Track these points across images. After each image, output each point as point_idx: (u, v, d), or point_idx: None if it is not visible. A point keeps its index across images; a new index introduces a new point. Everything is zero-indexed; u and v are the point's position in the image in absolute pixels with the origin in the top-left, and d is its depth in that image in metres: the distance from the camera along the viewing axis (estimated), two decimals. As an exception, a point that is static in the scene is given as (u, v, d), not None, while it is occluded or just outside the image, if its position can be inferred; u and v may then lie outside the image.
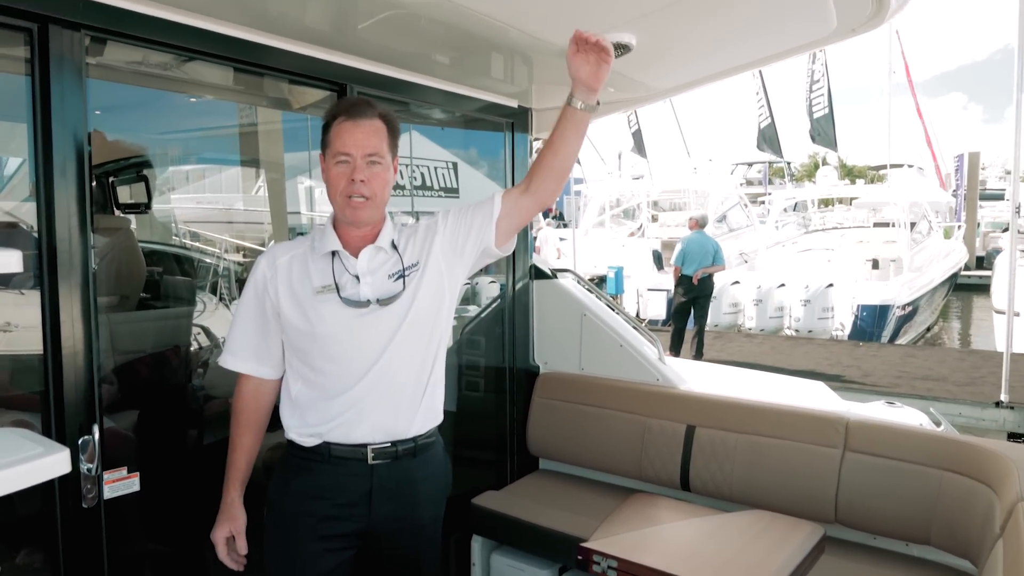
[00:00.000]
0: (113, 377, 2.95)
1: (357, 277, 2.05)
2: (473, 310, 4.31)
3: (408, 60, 3.01)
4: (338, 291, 2.03)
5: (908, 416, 3.85)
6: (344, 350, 2.03)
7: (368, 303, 2.03)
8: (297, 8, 2.40)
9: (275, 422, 2.21)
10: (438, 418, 2.22)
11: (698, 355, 10.84)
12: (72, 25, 2.07)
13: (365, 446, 2.06)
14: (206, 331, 3.97)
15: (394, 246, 2.12)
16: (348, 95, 2.86)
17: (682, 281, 10.84)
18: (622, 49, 2.69)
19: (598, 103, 2.06)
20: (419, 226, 2.21)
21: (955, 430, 3.94)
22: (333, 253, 2.07)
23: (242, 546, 2.14)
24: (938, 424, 3.86)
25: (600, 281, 15.82)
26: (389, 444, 2.08)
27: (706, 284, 10.87)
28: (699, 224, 11.21)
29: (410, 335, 2.06)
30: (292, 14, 2.44)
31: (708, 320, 14.16)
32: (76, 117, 2.10)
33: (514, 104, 3.72)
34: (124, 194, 4.44)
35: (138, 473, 2.34)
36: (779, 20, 2.67)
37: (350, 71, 2.87)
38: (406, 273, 2.09)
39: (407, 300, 2.06)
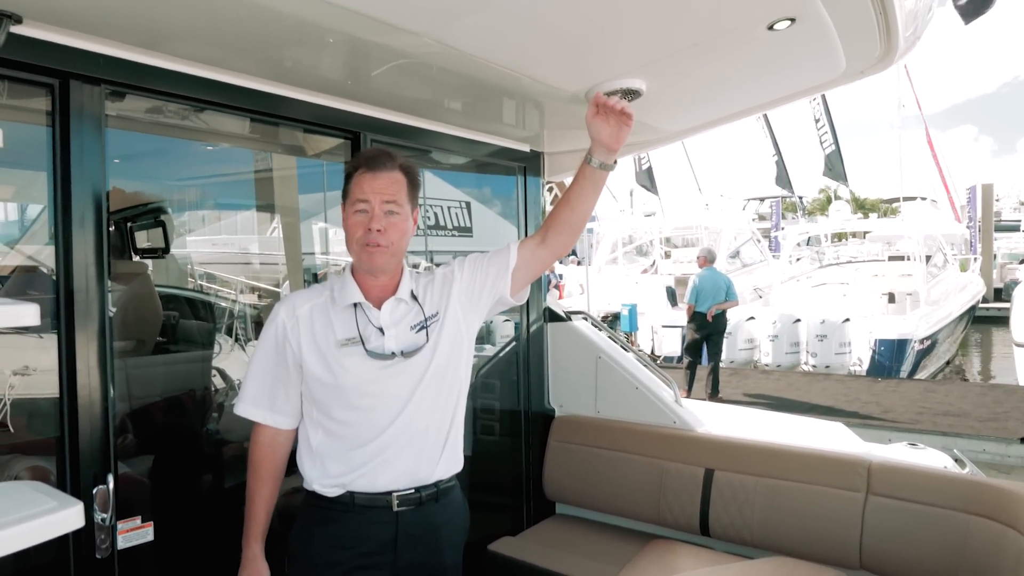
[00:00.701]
0: (128, 423, 2.96)
1: (381, 330, 2.06)
2: (489, 349, 4.31)
3: (420, 107, 3.05)
4: (363, 344, 2.03)
5: (931, 458, 3.78)
6: (369, 402, 2.03)
7: (393, 355, 2.04)
8: (311, 59, 2.44)
9: (289, 467, 2.20)
10: (460, 463, 2.22)
11: (714, 392, 10.76)
12: (92, 80, 2.11)
13: (390, 493, 2.05)
14: (222, 373, 3.98)
15: (413, 296, 2.13)
16: (362, 142, 2.90)
17: (695, 318, 10.84)
18: (632, 95, 2.71)
19: (615, 162, 2.10)
20: (436, 275, 2.22)
21: (980, 472, 3.86)
22: (355, 305, 2.07)
23: None
24: (963, 466, 3.79)
25: (614, 318, 15.80)
26: (413, 490, 2.07)
27: (719, 320, 10.87)
28: (708, 260, 11.23)
29: (433, 384, 2.08)
30: (306, 65, 2.48)
31: (724, 356, 14.15)
32: (95, 167, 2.14)
33: (526, 148, 3.75)
34: (142, 239, 4.50)
35: (152, 522, 2.33)
36: (788, 63, 2.68)
37: (363, 119, 2.91)
38: (428, 324, 2.11)
39: (429, 351, 2.08)
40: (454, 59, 2.38)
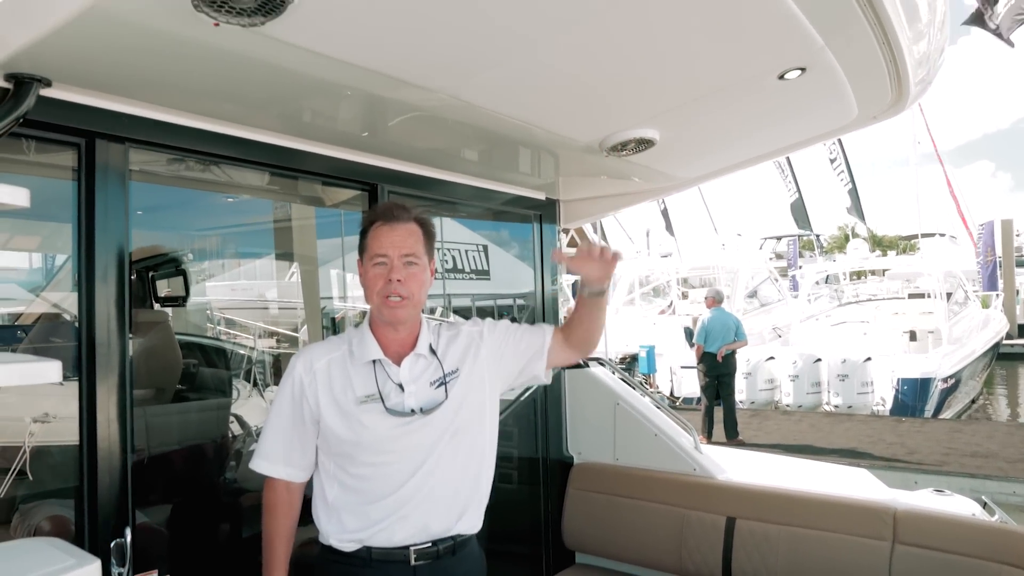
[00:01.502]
0: (147, 472, 2.96)
1: (401, 386, 2.07)
2: (506, 396, 4.29)
3: (436, 158, 3.10)
4: (383, 401, 2.03)
5: (959, 505, 3.70)
6: (387, 458, 2.03)
7: (412, 412, 2.04)
8: (328, 114, 2.49)
9: (304, 517, 2.19)
10: (480, 520, 2.21)
11: (732, 434, 10.64)
12: (117, 139, 2.17)
13: (407, 548, 2.04)
14: (240, 420, 3.99)
15: (432, 351, 2.14)
16: (379, 194, 2.95)
17: (705, 359, 10.85)
18: (645, 144, 2.74)
19: (609, 284, 2.19)
20: (460, 331, 2.23)
21: (1010, 518, 3.77)
22: (374, 361, 2.08)
23: None
24: (992, 513, 3.70)
25: (632, 360, 15.72)
26: (430, 544, 2.06)
27: (730, 361, 10.87)
28: (716, 300, 11.26)
29: (452, 442, 2.08)
30: (324, 120, 2.54)
31: (744, 397, 14.03)
32: (118, 221, 2.19)
33: (541, 196, 3.79)
34: (162, 287, 4.56)
35: (169, 575, 2.33)
36: (799, 111, 2.71)
37: (380, 171, 2.95)
38: (447, 380, 2.11)
39: (449, 408, 2.08)
40: (469, 113, 2.42)
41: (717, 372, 10.80)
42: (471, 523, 2.17)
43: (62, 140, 2.11)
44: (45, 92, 1.95)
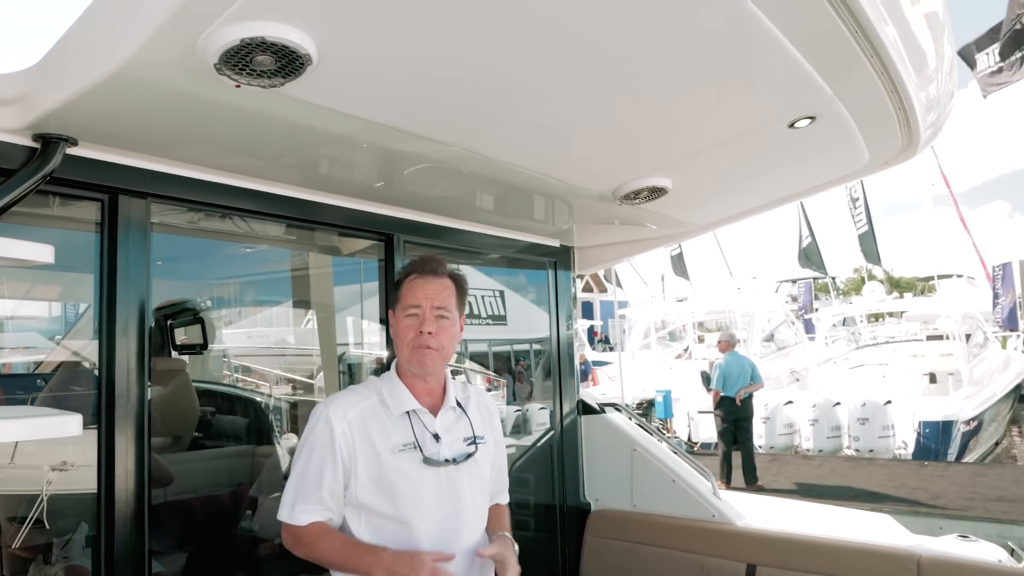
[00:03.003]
0: (163, 521, 2.96)
1: (436, 436, 2.10)
2: (523, 441, 4.27)
3: (451, 208, 3.15)
4: (421, 450, 2.06)
5: (985, 551, 3.62)
6: (418, 505, 2.04)
7: (446, 462, 2.09)
8: (345, 167, 2.55)
9: (300, 564, 2.14)
10: (492, 568, 2.22)
11: (751, 480, 10.48)
12: (139, 194, 2.23)
13: None
14: (257, 468, 3.98)
15: (458, 403, 2.21)
16: (395, 243, 2.99)
17: (723, 403, 10.74)
18: (658, 192, 2.77)
19: None
20: (484, 402, 2.32)
21: (1037, 564, 3.68)
22: (408, 411, 2.11)
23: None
24: (1019, 559, 3.62)
25: (649, 405, 15.58)
26: None
27: (747, 405, 10.77)
28: (730, 344, 11.20)
29: (477, 493, 2.16)
30: (340, 172, 2.59)
31: (763, 441, 13.84)
32: (139, 272, 2.24)
33: (556, 243, 3.83)
34: (181, 336, 4.60)
35: (186, 627, 2.32)
36: (810, 158, 2.73)
37: (396, 221, 3.00)
38: (477, 441, 2.19)
39: (476, 464, 2.17)
40: (484, 165, 2.47)
41: (735, 416, 10.70)
42: (488, 573, 2.20)
43: (87, 196, 2.17)
44: (71, 151, 2.02)
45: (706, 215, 3.47)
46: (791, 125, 2.31)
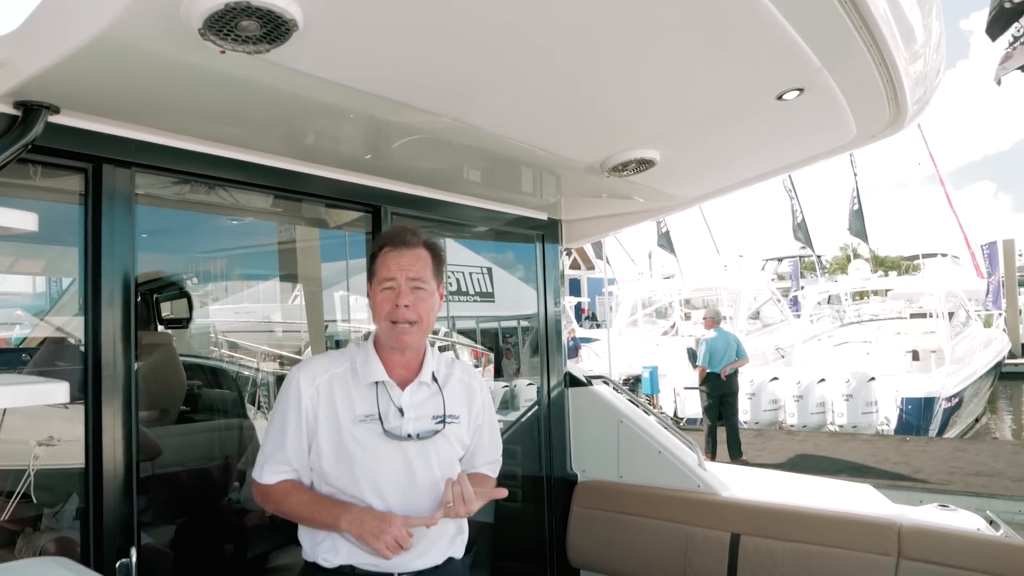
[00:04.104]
0: (152, 494, 2.97)
1: (401, 410, 2.08)
2: (510, 415, 4.30)
3: (439, 180, 3.13)
4: (381, 422, 2.05)
5: (964, 520, 3.69)
6: (376, 479, 2.03)
7: (408, 437, 2.06)
8: (332, 137, 2.53)
9: (288, 536, 2.15)
10: (464, 541, 2.24)
11: (735, 455, 10.60)
12: (123, 164, 2.21)
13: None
14: (245, 442, 3.99)
15: (434, 378, 2.16)
16: (382, 215, 2.98)
17: (709, 379, 10.85)
18: (646, 164, 2.77)
19: None
20: (463, 379, 2.25)
21: (1016, 534, 3.75)
22: (376, 382, 2.09)
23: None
24: (997, 528, 3.68)
25: (635, 381, 15.67)
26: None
27: (733, 380, 10.89)
28: (715, 321, 11.29)
29: (443, 471, 2.10)
30: (327, 143, 2.57)
31: (748, 417, 13.99)
32: (124, 244, 2.22)
33: (544, 217, 3.82)
34: (166, 310, 4.58)
35: (175, 597, 2.33)
36: (797, 130, 2.74)
37: (384, 193, 2.99)
38: (447, 420, 2.14)
39: (443, 440, 2.12)
40: (472, 135, 2.46)
41: (721, 392, 10.81)
42: (458, 549, 2.20)
43: (69, 165, 2.15)
44: (53, 119, 1.99)
45: (694, 188, 3.47)
46: (779, 97, 2.31)
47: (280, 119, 2.29)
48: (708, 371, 10.83)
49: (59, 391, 1.55)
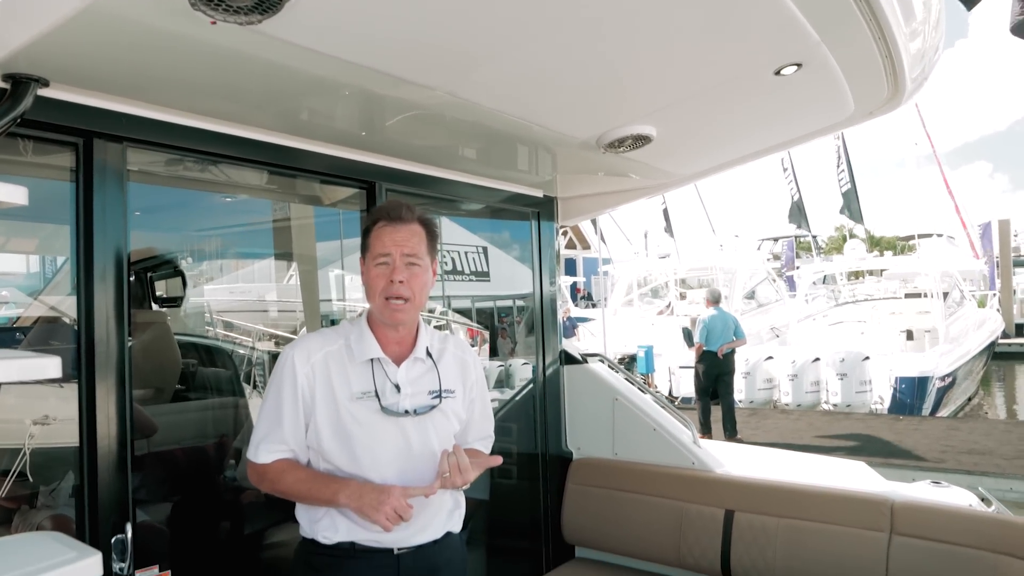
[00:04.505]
0: (147, 472, 2.97)
1: (397, 387, 2.08)
2: (506, 392, 4.30)
3: (434, 156, 3.11)
4: (379, 399, 2.05)
5: (956, 496, 3.72)
6: (375, 456, 2.04)
7: (406, 413, 2.07)
8: (326, 112, 2.50)
9: (284, 514, 2.15)
10: (462, 515, 2.26)
11: (730, 434, 10.68)
12: (115, 138, 2.18)
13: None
14: (240, 421, 3.99)
15: (429, 354, 2.17)
16: (377, 192, 2.96)
17: (705, 357, 10.95)
18: (642, 140, 2.75)
19: None
20: (457, 354, 2.25)
21: (1007, 510, 3.79)
22: (372, 359, 2.09)
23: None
24: (989, 504, 3.72)
25: (631, 360, 15.73)
26: None
27: (729, 360, 11.03)
28: (713, 301, 11.42)
29: (440, 447, 2.09)
30: (321, 118, 2.54)
31: (743, 396, 14.09)
32: (116, 221, 2.20)
33: (539, 194, 3.81)
34: (161, 289, 4.57)
35: (170, 571, 2.33)
36: (796, 107, 2.72)
37: (378, 169, 2.96)
38: (444, 395, 2.15)
39: (440, 415, 2.13)
40: (467, 110, 2.43)
41: (718, 371, 10.92)
42: (456, 524, 2.23)
43: (60, 140, 2.12)
44: (43, 92, 1.96)
45: (690, 165, 3.45)
46: (777, 72, 2.29)
47: (273, 93, 2.26)
48: (704, 349, 10.90)
49: (51, 366, 1.54)
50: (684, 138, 2.97)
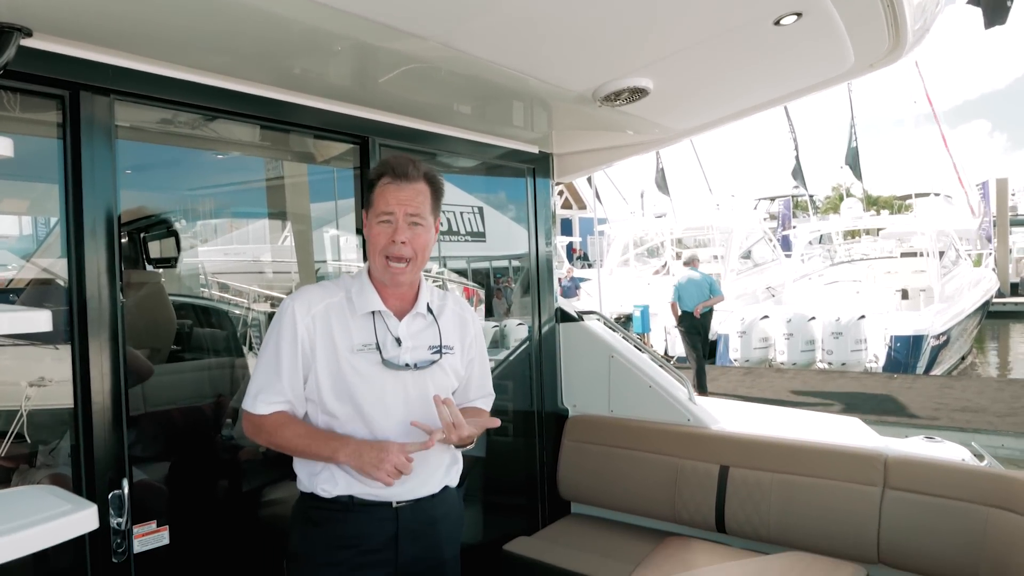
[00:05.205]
0: (143, 430, 2.97)
1: (398, 340, 2.07)
2: (501, 351, 4.30)
3: (428, 111, 3.06)
4: (380, 352, 2.04)
5: (949, 451, 3.75)
6: (375, 409, 2.04)
7: (407, 366, 2.06)
8: (318, 65, 2.45)
9: (282, 471, 2.16)
10: (459, 471, 2.27)
11: (701, 390, 10.84)
12: (102, 91, 2.14)
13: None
14: (236, 381, 3.99)
15: (429, 309, 2.16)
16: (370, 147, 2.92)
17: (683, 319, 11.38)
18: (639, 93, 2.71)
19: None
20: (456, 310, 2.25)
21: (999, 464, 3.82)
22: (373, 312, 2.07)
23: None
24: (981, 459, 3.75)
25: (627, 320, 15.77)
26: None
27: (706, 319, 11.40)
28: (688, 263, 11.93)
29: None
30: (314, 71, 2.49)
31: (739, 355, 14.19)
32: (106, 178, 2.16)
33: (535, 150, 3.76)
34: (154, 249, 4.54)
35: (168, 526, 2.35)
36: (795, 58, 2.67)
37: (372, 124, 2.92)
38: (443, 351, 2.14)
39: (440, 370, 2.13)
40: (461, 62, 2.39)
41: (696, 330, 11.29)
42: (453, 478, 2.24)
43: (44, 92, 2.07)
44: (26, 42, 1.91)
45: (687, 119, 3.41)
46: (777, 22, 2.25)
47: (263, 44, 2.21)
48: (681, 310, 11.32)
49: (42, 319, 1.52)
50: (681, 91, 2.92)
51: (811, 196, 33.00)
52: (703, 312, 11.17)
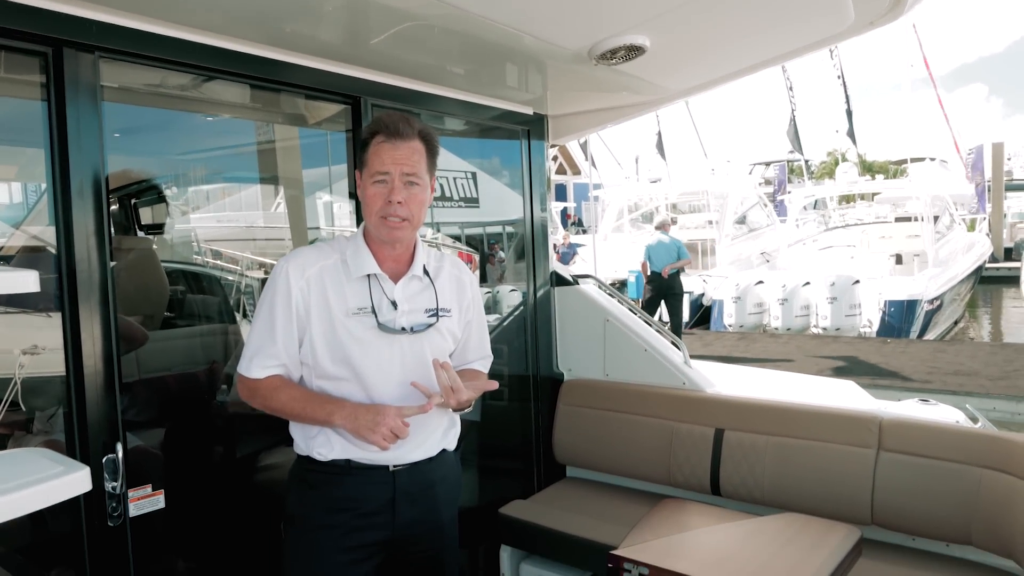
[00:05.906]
0: (138, 395, 2.96)
1: (394, 303, 2.05)
2: (494, 319, 4.29)
3: (421, 71, 3.01)
4: (376, 315, 2.01)
5: (943, 413, 3.77)
6: (371, 373, 2.02)
7: (403, 330, 2.04)
8: (309, 22, 2.39)
9: (277, 436, 2.15)
10: (457, 434, 2.26)
11: None
12: (86, 48, 2.08)
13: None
14: (230, 347, 3.98)
15: (426, 271, 2.13)
16: (362, 107, 2.87)
17: (652, 278, 11.78)
18: (635, 51, 2.66)
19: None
20: (453, 273, 2.22)
21: (992, 426, 3.84)
22: (369, 275, 2.05)
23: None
24: (975, 421, 3.77)
25: (621, 285, 15.77)
26: None
27: (675, 280, 11.73)
28: (659, 227, 12.30)
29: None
30: (305, 29, 2.44)
31: (733, 320, 14.24)
32: (92, 140, 2.12)
33: (529, 111, 3.71)
34: (146, 215, 4.49)
35: (163, 490, 2.34)
36: (795, 16, 2.62)
37: (364, 84, 2.87)
38: (440, 314, 2.12)
39: (436, 333, 2.11)
40: (455, 18, 2.33)
41: (664, 291, 11.65)
42: (451, 442, 2.23)
43: (26, 49, 2.02)
44: (6, -4, 1.86)
45: (684, 79, 3.35)
46: (777, -24, 2.20)
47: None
48: (651, 270, 11.70)
49: (29, 279, 1.49)
50: (678, 49, 2.87)
51: (807, 161, 32.88)
52: (671, 273, 11.58)
